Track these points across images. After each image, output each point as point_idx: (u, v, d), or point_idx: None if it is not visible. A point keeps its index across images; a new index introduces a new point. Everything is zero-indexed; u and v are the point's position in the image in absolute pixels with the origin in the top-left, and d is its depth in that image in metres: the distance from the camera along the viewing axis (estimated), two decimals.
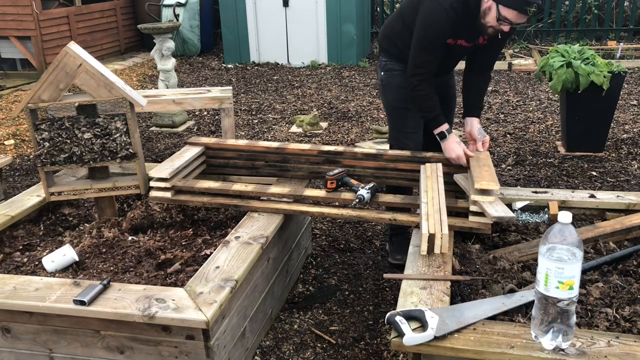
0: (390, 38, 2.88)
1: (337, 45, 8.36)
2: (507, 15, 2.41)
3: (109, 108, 2.76)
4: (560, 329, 1.59)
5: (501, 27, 2.46)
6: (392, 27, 2.87)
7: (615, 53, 7.62)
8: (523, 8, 2.37)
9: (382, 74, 2.94)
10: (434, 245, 2.16)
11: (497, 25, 2.46)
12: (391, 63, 2.89)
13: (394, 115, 2.96)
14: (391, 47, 2.88)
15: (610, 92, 4.25)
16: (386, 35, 2.92)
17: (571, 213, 1.56)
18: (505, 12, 2.40)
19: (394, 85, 2.89)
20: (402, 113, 2.90)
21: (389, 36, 2.89)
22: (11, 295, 2.05)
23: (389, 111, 2.98)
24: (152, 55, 5.61)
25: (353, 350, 2.47)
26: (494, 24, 2.47)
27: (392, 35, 2.86)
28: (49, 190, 2.73)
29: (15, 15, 7.84)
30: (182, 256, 2.44)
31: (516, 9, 2.38)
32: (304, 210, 2.59)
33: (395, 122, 2.97)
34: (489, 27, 2.50)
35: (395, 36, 2.83)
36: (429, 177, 2.52)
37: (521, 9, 2.38)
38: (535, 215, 2.61)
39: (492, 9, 2.43)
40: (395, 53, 2.86)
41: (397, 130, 2.97)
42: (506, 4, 2.39)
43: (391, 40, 2.87)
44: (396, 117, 2.95)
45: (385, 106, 3.02)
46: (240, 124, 5.77)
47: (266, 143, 3.01)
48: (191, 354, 1.97)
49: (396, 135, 2.97)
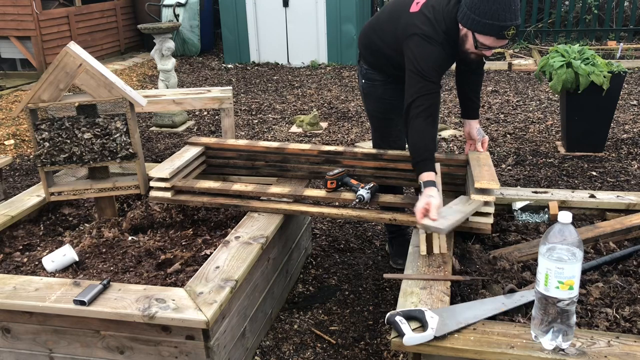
0: (371, 50, 2.75)
1: (337, 45, 8.36)
2: (485, 42, 2.30)
3: (109, 108, 2.76)
4: (560, 329, 1.59)
5: (483, 52, 2.36)
6: (372, 41, 2.73)
7: (615, 53, 7.61)
8: (500, 33, 2.24)
9: (363, 81, 2.85)
10: (432, 245, 2.16)
11: (477, 52, 2.37)
12: (372, 72, 2.79)
13: (376, 124, 2.92)
14: (371, 59, 2.76)
15: (610, 92, 4.25)
16: (367, 45, 2.78)
17: (571, 213, 1.56)
18: (482, 39, 2.29)
19: (375, 96, 2.82)
20: (385, 123, 2.87)
21: (370, 48, 2.76)
22: (11, 295, 2.05)
23: (372, 120, 2.94)
24: (152, 55, 5.61)
25: (353, 350, 2.47)
26: (474, 51, 2.37)
27: (374, 48, 2.73)
28: (49, 190, 2.74)
29: (15, 15, 7.84)
30: (182, 256, 2.44)
31: (493, 35, 2.25)
32: (304, 210, 2.59)
33: (377, 131, 2.93)
34: (470, 54, 2.40)
35: (378, 50, 2.70)
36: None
37: (498, 34, 2.24)
38: (535, 215, 2.61)
39: (468, 36, 2.33)
40: (376, 64, 2.77)
41: (379, 139, 2.93)
42: (481, 32, 2.26)
43: (372, 52, 2.74)
44: (378, 127, 2.91)
45: (368, 113, 2.96)
46: (240, 124, 5.77)
47: (266, 143, 3.01)
48: (191, 354, 1.97)
49: (379, 143, 2.93)
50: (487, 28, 2.24)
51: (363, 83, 2.87)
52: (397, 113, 2.77)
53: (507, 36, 2.25)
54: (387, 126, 2.87)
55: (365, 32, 2.81)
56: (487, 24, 2.23)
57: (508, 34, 2.24)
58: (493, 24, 2.22)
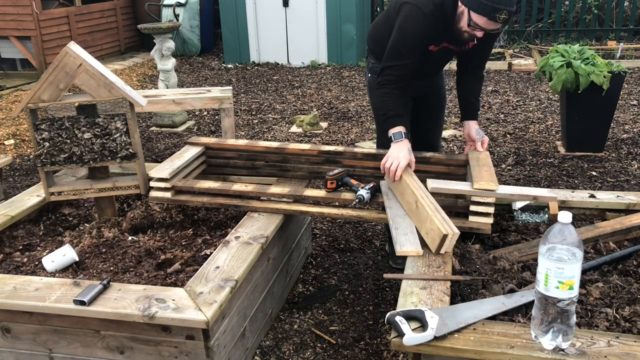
0: (378, 41, 2.83)
1: (337, 45, 8.36)
2: (477, 22, 2.38)
3: (109, 108, 2.76)
4: (560, 329, 1.59)
5: (474, 32, 2.44)
6: (380, 30, 2.82)
7: (615, 53, 7.61)
8: (492, 15, 2.32)
9: (370, 75, 2.92)
10: (442, 247, 2.15)
11: (470, 30, 2.44)
12: (378, 65, 2.81)
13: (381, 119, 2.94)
14: (379, 51, 2.81)
15: (610, 92, 4.25)
16: (373, 38, 2.88)
17: (571, 213, 1.56)
18: (475, 18, 2.37)
19: None
20: None
21: (376, 39, 2.85)
22: (11, 295, 2.05)
23: (377, 113, 2.96)
24: (152, 55, 5.61)
25: (353, 350, 2.47)
26: (467, 29, 2.45)
27: (379, 38, 2.81)
28: (49, 190, 2.74)
29: (15, 15, 7.85)
30: (182, 256, 2.44)
31: (485, 16, 2.34)
32: (304, 210, 2.59)
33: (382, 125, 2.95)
34: (463, 32, 2.48)
35: (383, 40, 2.76)
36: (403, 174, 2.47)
37: (490, 15, 2.32)
38: (535, 215, 2.61)
39: (464, 14, 2.41)
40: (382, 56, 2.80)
41: (383, 133, 2.94)
42: (475, 10, 2.35)
43: (380, 44, 2.81)
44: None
45: (373, 107, 2.99)
46: (240, 124, 5.77)
47: (266, 143, 3.01)
48: (191, 354, 1.97)
49: (382, 138, 2.95)
50: (481, 7, 2.33)
51: (370, 77, 2.92)
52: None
53: (498, 19, 2.34)
54: None
55: (373, 25, 2.91)
56: (481, 4, 2.32)
57: (499, 17, 2.33)
58: (487, 5, 2.31)
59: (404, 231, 2.27)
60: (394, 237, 2.25)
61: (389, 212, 2.41)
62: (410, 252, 2.15)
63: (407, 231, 2.27)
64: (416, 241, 2.20)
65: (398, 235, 2.25)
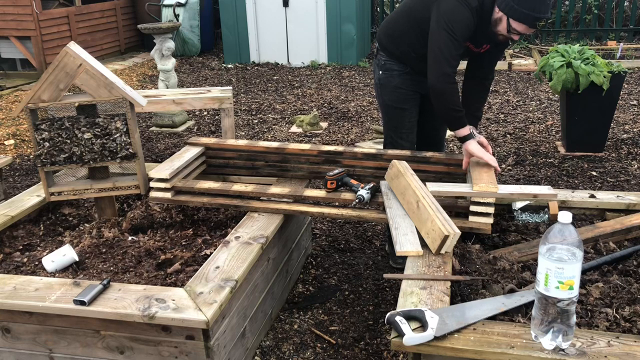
0: (394, 37, 2.83)
1: (337, 45, 8.36)
2: (517, 28, 2.46)
3: (109, 108, 2.76)
4: (560, 329, 1.59)
5: (512, 36, 2.53)
6: (397, 25, 2.82)
7: (615, 53, 7.61)
8: (533, 23, 2.44)
9: (380, 73, 2.92)
10: (443, 247, 2.15)
11: (507, 35, 2.53)
12: (390, 63, 2.87)
13: (390, 115, 2.94)
14: (393, 47, 2.85)
15: (610, 92, 4.25)
16: (389, 34, 2.87)
17: (571, 213, 1.56)
18: (515, 25, 2.46)
19: (392, 86, 2.87)
20: (398, 113, 2.89)
21: (393, 35, 2.84)
22: (11, 295, 2.05)
23: (385, 110, 2.96)
24: (152, 55, 5.61)
25: (353, 350, 2.47)
26: (504, 34, 2.52)
27: (397, 34, 2.82)
28: (49, 190, 2.73)
29: (15, 15, 7.84)
30: (182, 256, 2.44)
31: (526, 24, 2.44)
32: (304, 211, 2.59)
33: (391, 122, 2.95)
34: (499, 35, 2.55)
35: (401, 36, 2.79)
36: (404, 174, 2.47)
37: (531, 23, 2.44)
38: (535, 215, 2.61)
39: (502, 20, 2.48)
40: (396, 53, 2.84)
41: (392, 130, 2.96)
42: (517, 19, 2.44)
43: (394, 39, 2.83)
44: (392, 117, 2.93)
45: (381, 105, 3.00)
46: (240, 124, 5.77)
47: (266, 143, 3.01)
48: (191, 354, 1.97)
49: (391, 134, 2.96)
50: (523, 16, 2.42)
51: (380, 74, 2.92)
52: (411, 104, 2.88)
53: (537, 26, 2.46)
54: (401, 116, 2.90)
55: (388, 21, 2.91)
56: (523, 13, 2.41)
57: (539, 24, 2.48)
58: (529, 14, 2.40)
59: (404, 231, 2.27)
60: (394, 237, 2.25)
61: (389, 212, 2.41)
62: (410, 252, 2.15)
63: (407, 231, 2.27)
64: (416, 241, 2.20)
65: (398, 236, 2.25)
